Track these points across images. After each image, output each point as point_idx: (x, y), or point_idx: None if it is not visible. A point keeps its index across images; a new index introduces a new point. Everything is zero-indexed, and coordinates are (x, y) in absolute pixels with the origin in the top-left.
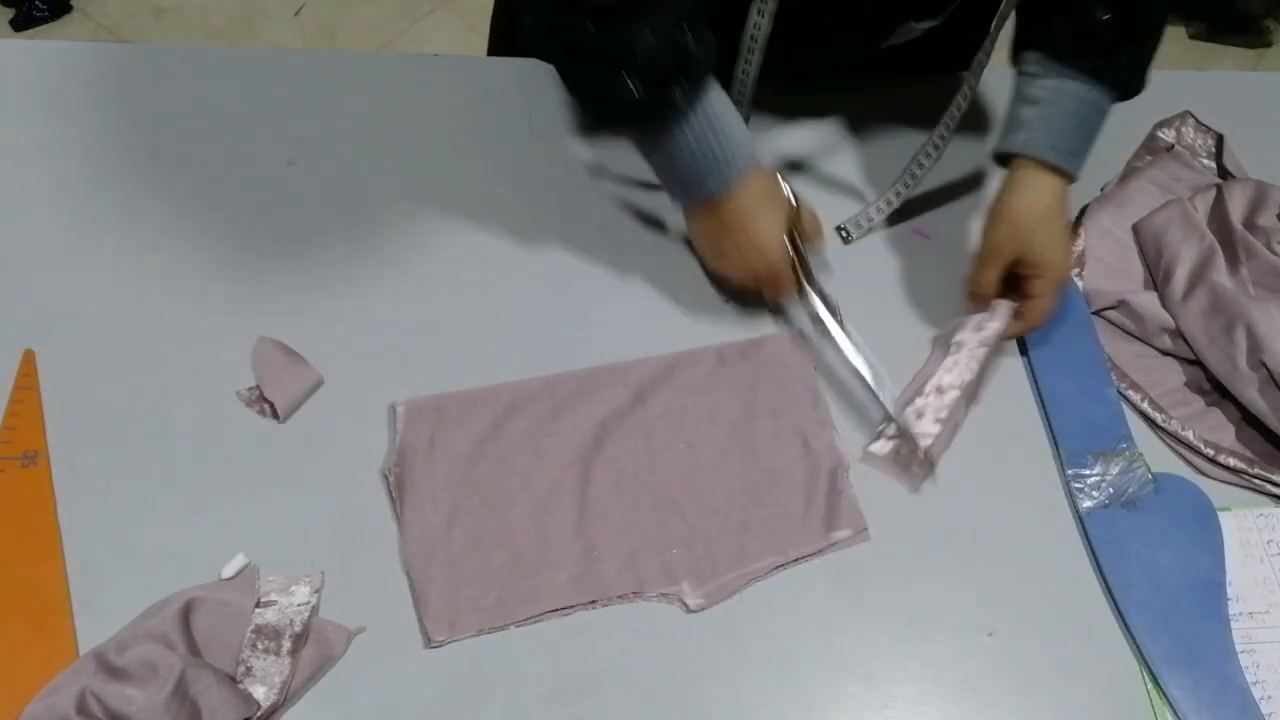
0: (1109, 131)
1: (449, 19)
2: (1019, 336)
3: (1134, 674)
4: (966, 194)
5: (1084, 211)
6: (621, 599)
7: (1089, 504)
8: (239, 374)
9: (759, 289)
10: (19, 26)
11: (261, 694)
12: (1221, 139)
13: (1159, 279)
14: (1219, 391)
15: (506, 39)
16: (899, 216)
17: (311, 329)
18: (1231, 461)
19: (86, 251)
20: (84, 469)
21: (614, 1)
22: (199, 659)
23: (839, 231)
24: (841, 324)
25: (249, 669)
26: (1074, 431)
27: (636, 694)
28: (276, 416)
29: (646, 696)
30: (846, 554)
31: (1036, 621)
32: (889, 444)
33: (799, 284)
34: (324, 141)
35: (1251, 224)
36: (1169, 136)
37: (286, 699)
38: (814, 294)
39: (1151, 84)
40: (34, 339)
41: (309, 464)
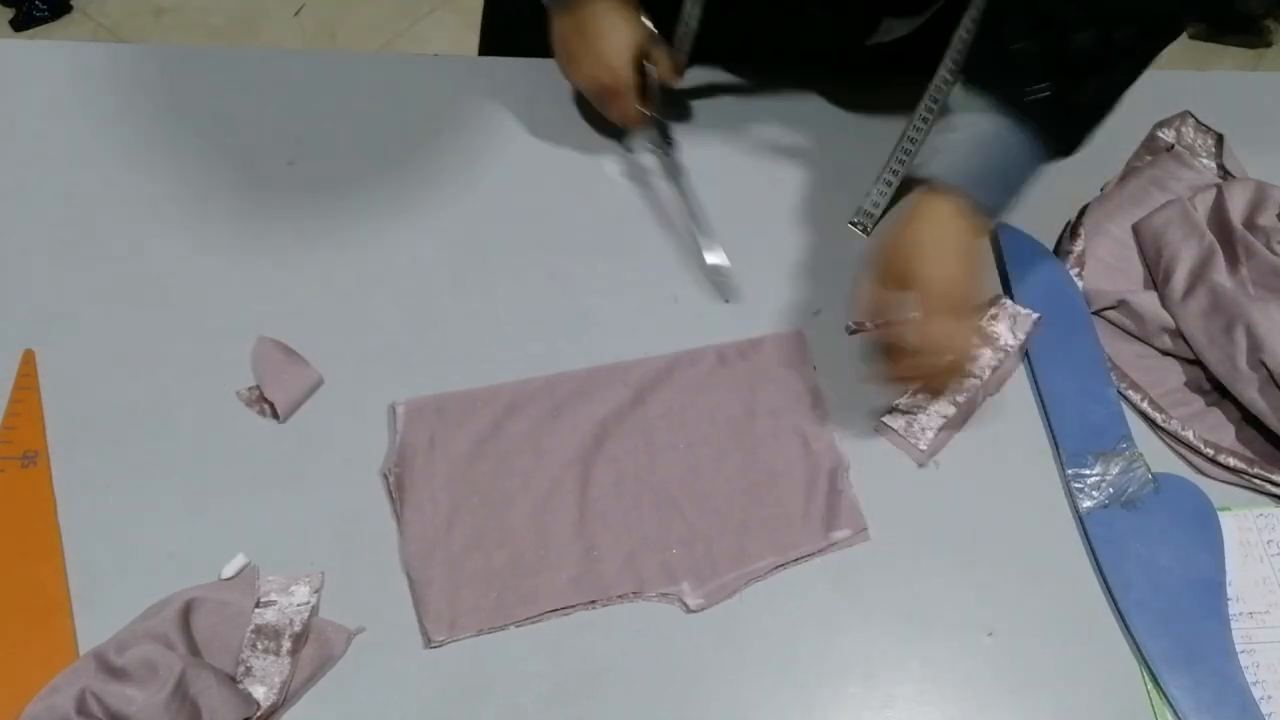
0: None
1: (449, 19)
2: (911, 374)
3: (1134, 674)
4: None
5: (1084, 211)
6: (621, 599)
7: (1089, 504)
8: (239, 374)
9: (602, 103)
10: (19, 26)
11: (261, 694)
12: (1221, 139)
13: (1159, 279)
14: (1219, 391)
15: (498, 40)
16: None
17: (311, 329)
18: (1231, 461)
19: (86, 251)
20: (84, 469)
21: None
22: (199, 659)
23: (854, 226)
24: (675, 159)
25: (249, 669)
26: (1074, 431)
27: (636, 694)
28: (276, 416)
29: (646, 696)
30: (846, 554)
31: (1036, 621)
32: (901, 418)
33: (642, 113)
34: (324, 141)
35: (1251, 224)
36: (1169, 136)
37: (286, 699)
38: (654, 127)
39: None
40: (34, 339)
41: (309, 464)
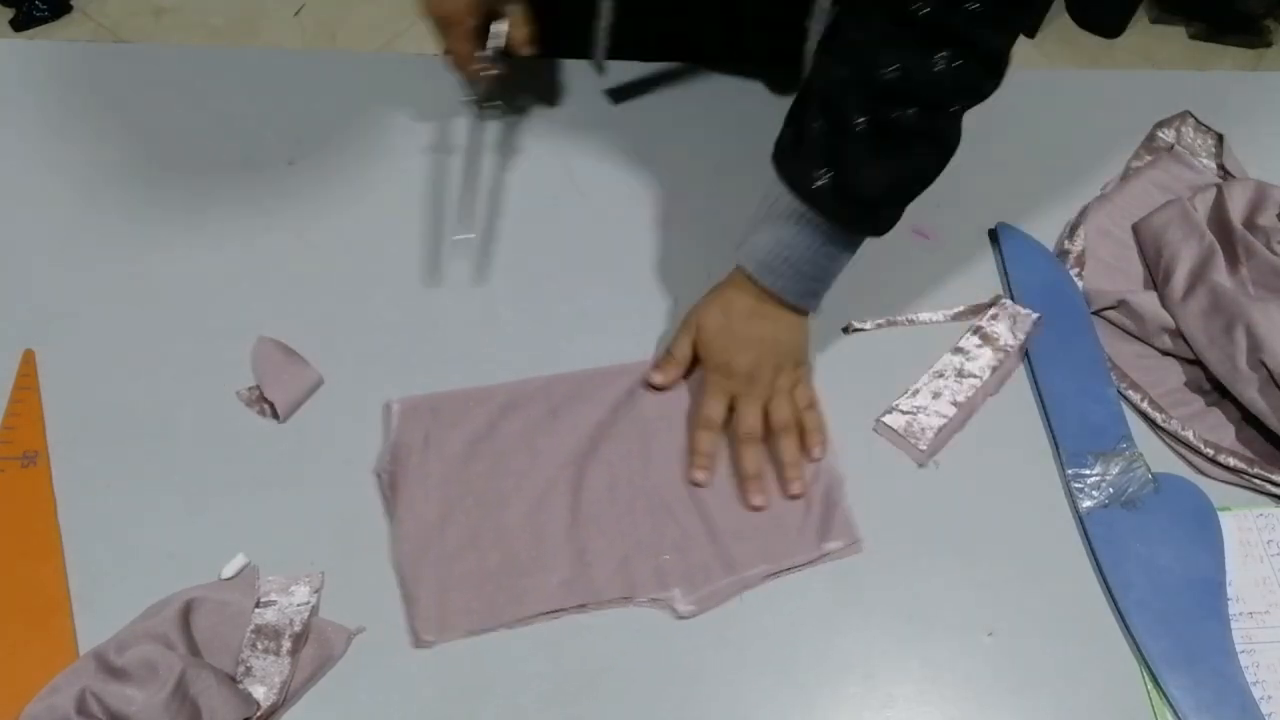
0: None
1: None
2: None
3: (1134, 674)
4: (967, 194)
5: (1084, 211)
6: (612, 604)
7: (1089, 504)
8: (239, 374)
9: (440, 37)
10: (19, 26)
11: (261, 694)
12: (1221, 139)
13: (1159, 279)
14: (1219, 391)
15: None
16: None
17: (311, 329)
18: (1231, 461)
19: (86, 251)
20: (84, 469)
21: None
22: (199, 659)
23: None
24: (483, 121)
25: (249, 669)
26: (1074, 431)
27: (635, 694)
28: (276, 416)
29: (646, 697)
30: (846, 553)
31: (1036, 621)
32: (901, 418)
33: (476, 61)
34: (324, 141)
35: (1251, 224)
36: (1169, 136)
37: (286, 699)
38: (487, 83)
39: (1152, 84)
40: (34, 339)
41: (309, 464)
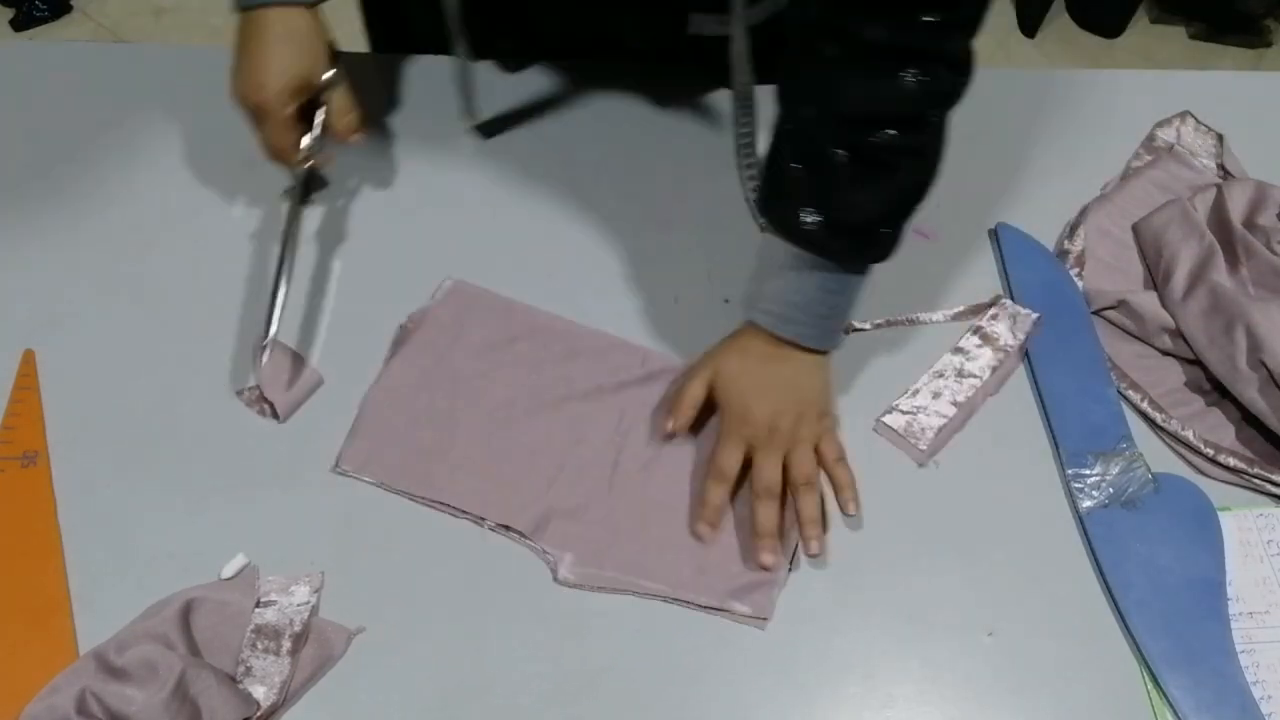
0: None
1: None
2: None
3: (1134, 674)
4: (967, 194)
5: (1084, 211)
6: (504, 531)
7: (1089, 504)
8: (239, 374)
9: (252, 126)
10: (19, 26)
11: (261, 694)
12: (1221, 139)
13: (1159, 279)
14: (1219, 391)
15: (385, 32)
16: None
17: (311, 329)
18: (1231, 461)
19: (86, 251)
20: (84, 469)
21: None
22: (199, 659)
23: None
24: (297, 220)
25: (249, 669)
26: (1074, 431)
27: (636, 694)
28: (276, 416)
29: (646, 696)
30: (846, 554)
31: (1036, 621)
32: (901, 418)
33: (297, 151)
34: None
35: (1251, 224)
36: (1169, 136)
37: (286, 699)
38: (299, 173)
39: (1152, 84)
40: (34, 339)
41: (309, 464)
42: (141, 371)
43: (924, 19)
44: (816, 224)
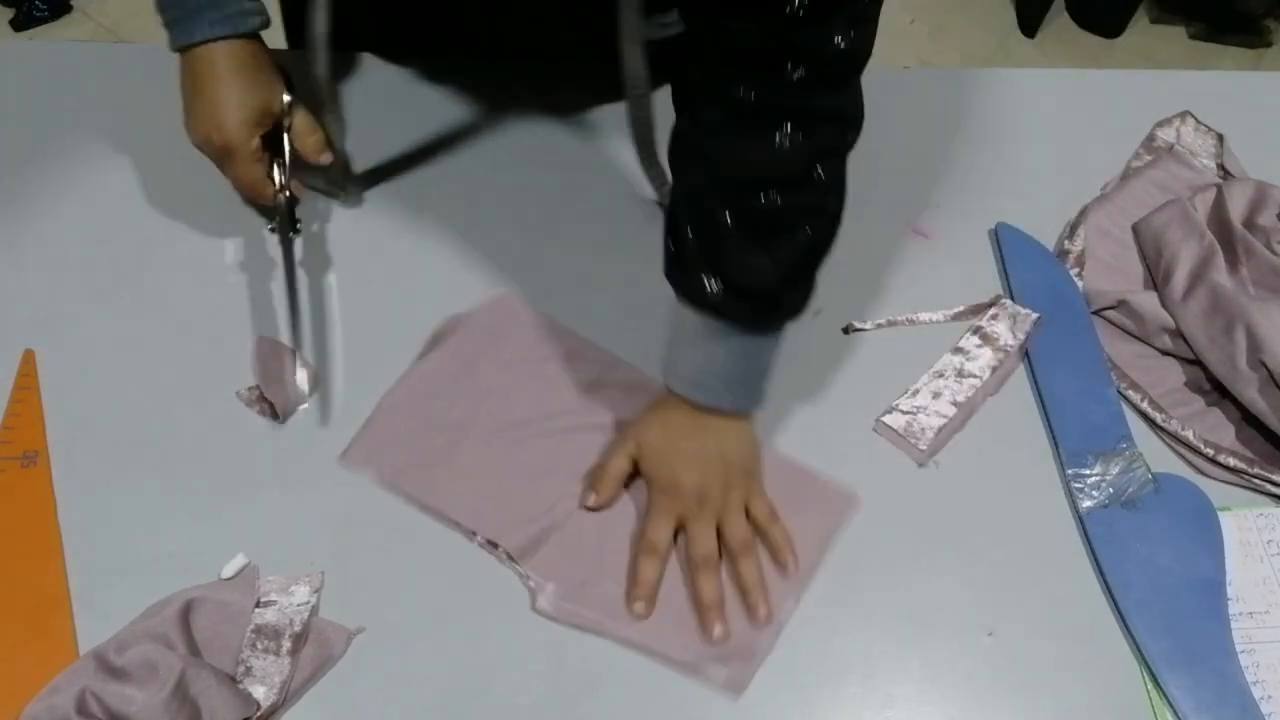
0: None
1: None
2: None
3: (1134, 674)
4: (967, 194)
5: (1084, 211)
6: (491, 549)
7: (1089, 504)
8: (239, 374)
9: (220, 167)
10: (19, 26)
11: (261, 694)
12: (1221, 139)
13: (1159, 279)
14: (1219, 391)
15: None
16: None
17: (311, 329)
18: (1231, 461)
19: (86, 251)
20: (84, 469)
21: None
22: (199, 659)
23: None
24: (291, 247)
25: (249, 669)
26: (1074, 431)
27: (636, 694)
28: (276, 416)
29: (646, 697)
30: (846, 554)
31: (1036, 621)
32: (901, 418)
33: (271, 184)
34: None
35: (1251, 224)
36: (1169, 136)
37: (286, 699)
38: (284, 204)
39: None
40: (34, 339)
41: (309, 464)
42: (141, 371)
43: (793, 76)
44: (717, 291)
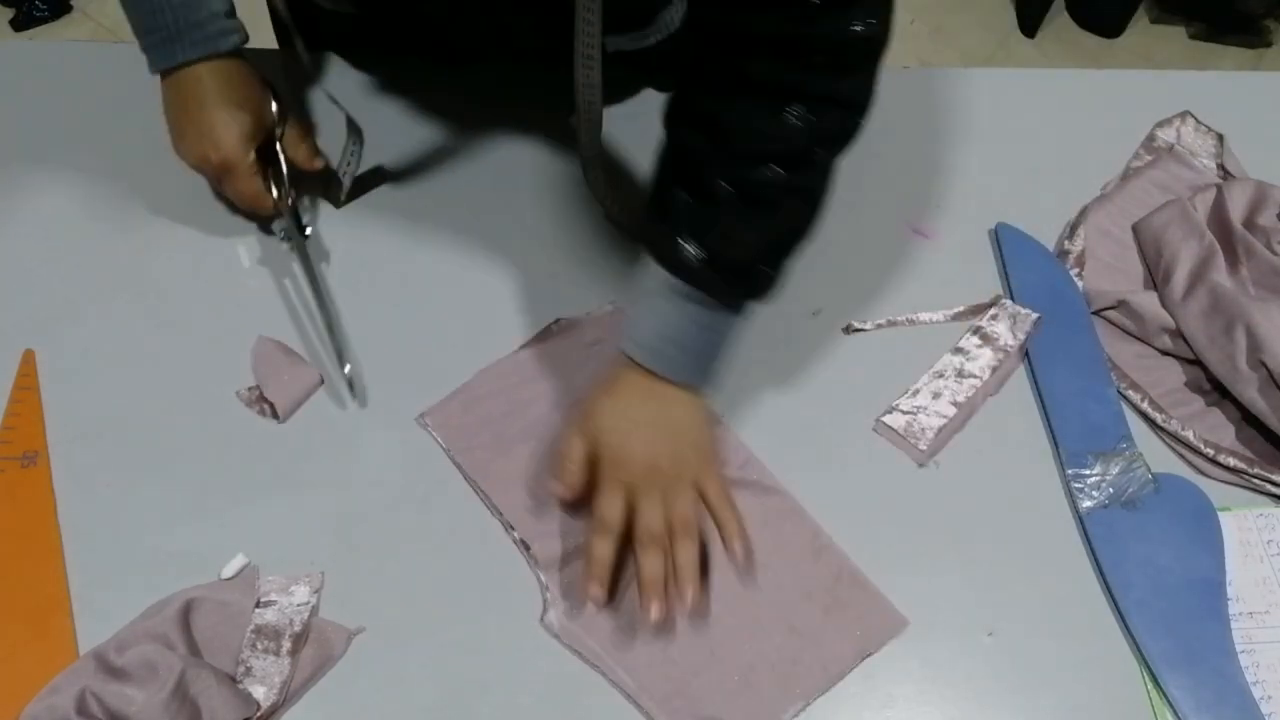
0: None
1: None
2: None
3: (1134, 674)
4: (967, 194)
5: (1084, 211)
6: (523, 547)
7: (1089, 504)
8: (239, 374)
9: (218, 185)
10: (19, 26)
11: (261, 694)
12: (1221, 139)
13: (1159, 279)
14: (1219, 391)
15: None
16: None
17: (311, 329)
18: (1231, 461)
19: (86, 251)
20: (84, 469)
21: None
22: (199, 659)
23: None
24: (307, 253)
25: (249, 669)
26: (1074, 431)
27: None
28: (276, 416)
29: None
30: (846, 554)
31: (1036, 621)
32: (901, 417)
33: (271, 196)
34: (323, 142)
35: (1251, 224)
36: (1169, 136)
37: (286, 699)
38: (287, 214)
39: (1152, 84)
40: (34, 339)
41: (309, 464)
42: (141, 371)
43: (812, 58)
44: (696, 256)
